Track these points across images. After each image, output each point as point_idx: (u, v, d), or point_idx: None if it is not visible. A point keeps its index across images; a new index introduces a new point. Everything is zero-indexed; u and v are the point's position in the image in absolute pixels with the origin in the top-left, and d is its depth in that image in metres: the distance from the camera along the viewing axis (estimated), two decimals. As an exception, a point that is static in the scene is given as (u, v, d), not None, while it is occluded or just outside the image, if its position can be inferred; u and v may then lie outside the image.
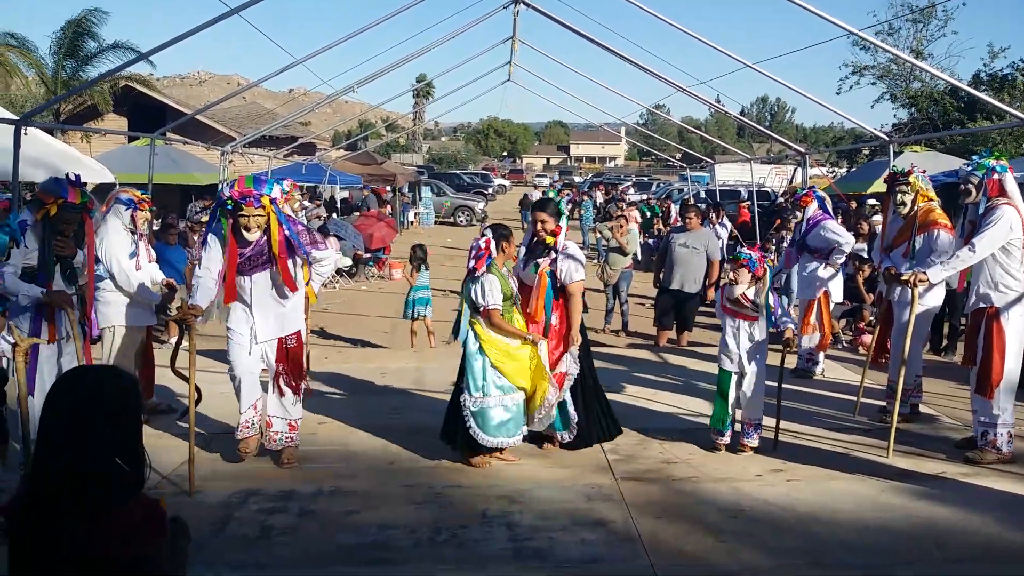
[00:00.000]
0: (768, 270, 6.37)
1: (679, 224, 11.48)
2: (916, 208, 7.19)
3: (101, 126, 28.61)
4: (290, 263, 5.95)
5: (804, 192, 9.42)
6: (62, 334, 5.79)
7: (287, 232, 5.90)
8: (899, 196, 7.29)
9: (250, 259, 5.86)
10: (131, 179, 11.07)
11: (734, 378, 6.46)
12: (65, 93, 23.97)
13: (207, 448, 6.34)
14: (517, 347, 6.04)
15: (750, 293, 6.36)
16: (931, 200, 7.20)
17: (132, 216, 7.02)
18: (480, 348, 6.01)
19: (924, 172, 7.48)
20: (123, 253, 6.85)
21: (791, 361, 8.33)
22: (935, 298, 7.36)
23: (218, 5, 8.71)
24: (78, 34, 27.71)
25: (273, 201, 5.83)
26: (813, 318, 8.92)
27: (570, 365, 6.36)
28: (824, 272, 8.88)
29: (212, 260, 5.86)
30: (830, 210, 9.29)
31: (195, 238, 12.85)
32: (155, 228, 12.31)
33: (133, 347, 7.07)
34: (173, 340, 7.11)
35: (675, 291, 10.58)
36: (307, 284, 6.32)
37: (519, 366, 6.02)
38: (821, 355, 9.12)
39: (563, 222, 6.50)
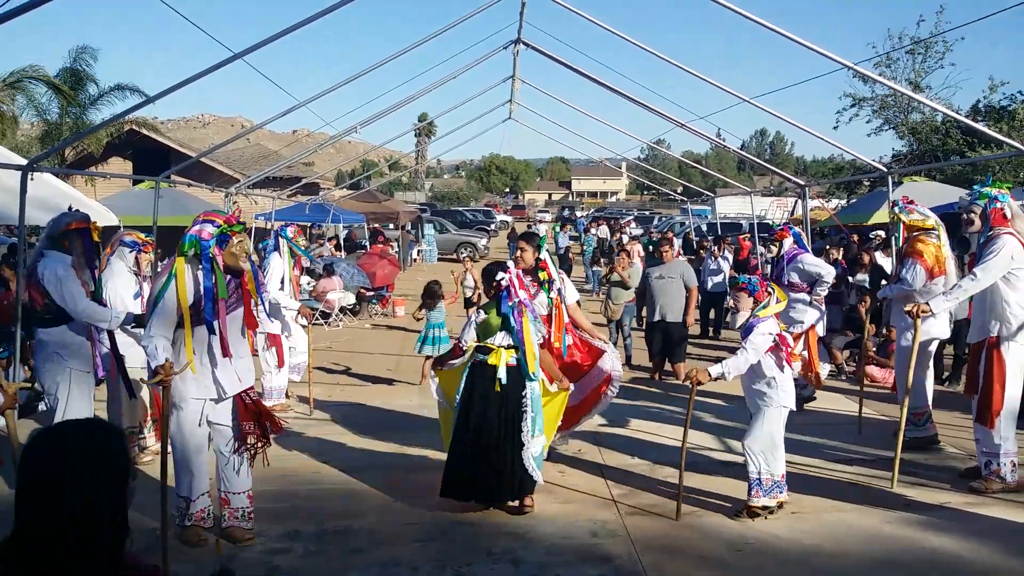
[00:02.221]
0: (772, 295, 5.76)
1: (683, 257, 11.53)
2: (907, 238, 7.41)
3: (105, 170, 28.87)
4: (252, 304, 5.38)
5: (780, 227, 9.57)
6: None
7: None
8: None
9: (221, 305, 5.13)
10: (135, 222, 11.16)
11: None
12: (72, 137, 24.19)
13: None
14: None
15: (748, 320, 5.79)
16: (921, 230, 7.33)
17: (136, 258, 7.11)
18: (538, 384, 5.89)
19: (912, 203, 7.58)
20: (128, 294, 6.92)
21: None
22: (939, 328, 7.41)
23: (221, 50, 8.87)
24: (77, 79, 28.04)
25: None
26: (800, 350, 8.99)
27: (615, 362, 6.78)
28: (808, 307, 8.96)
29: (165, 323, 5.07)
30: (806, 244, 9.45)
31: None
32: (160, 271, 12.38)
33: (140, 387, 7.10)
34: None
35: (660, 323, 10.69)
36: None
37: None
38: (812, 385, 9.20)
39: (543, 253, 6.81)
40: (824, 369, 11.11)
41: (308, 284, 16.33)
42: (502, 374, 5.73)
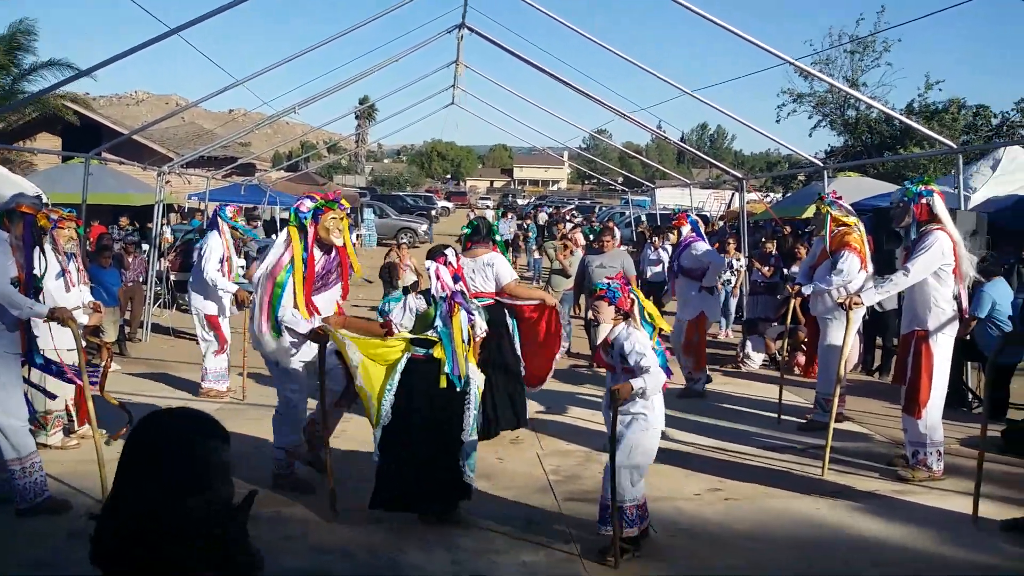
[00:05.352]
0: (635, 303, 4.94)
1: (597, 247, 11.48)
2: (833, 231, 7.64)
3: (33, 145, 27.94)
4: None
5: (678, 215, 9.79)
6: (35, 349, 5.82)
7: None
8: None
9: (320, 277, 5.88)
10: (65, 199, 10.82)
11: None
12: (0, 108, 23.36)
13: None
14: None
15: (617, 334, 4.92)
16: (846, 224, 7.56)
17: (52, 236, 6.86)
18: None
19: (840, 198, 7.83)
20: (50, 273, 6.66)
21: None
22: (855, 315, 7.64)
23: (157, 24, 8.63)
24: (12, 50, 27.04)
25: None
26: (681, 339, 9.25)
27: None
28: (697, 293, 9.17)
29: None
30: (702, 232, 9.70)
31: (129, 260, 12.58)
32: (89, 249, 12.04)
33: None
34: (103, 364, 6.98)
35: None
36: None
37: None
38: (704, 374, 9.44)
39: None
40: (758, 358, 11.32)
41: (241, 268, 16.03)
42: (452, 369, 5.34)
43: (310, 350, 5.86)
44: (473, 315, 5.50)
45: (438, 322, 5.37)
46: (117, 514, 1.85)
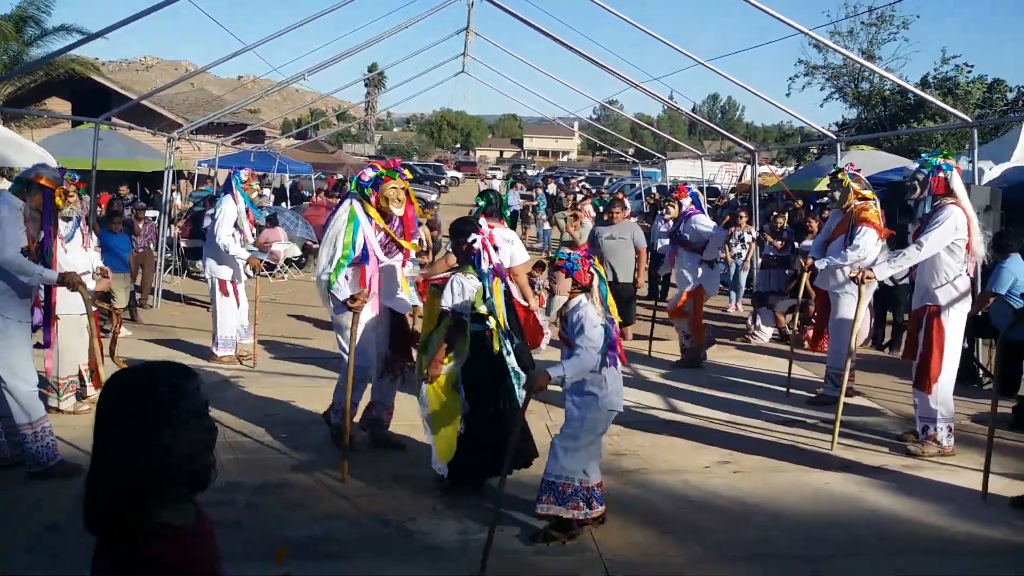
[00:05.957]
0: (600, 279, 4.78)
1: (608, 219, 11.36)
2: (852, 205, 7.57)
3: (43, 109, 27.81)
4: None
5: (678, 186, 9.73)
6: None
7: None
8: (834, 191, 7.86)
9: (383, 246, 5.94)
10: (74, 164, 10.78)
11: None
12: (9, 72, 23.22)
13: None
14: None
15: (571, 307, 4.71)
16: (866, 199, 7.49)
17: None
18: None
19: (859, 171, 7.74)
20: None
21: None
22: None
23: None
24: (23, 19, 26.91)
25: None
26: (688, 308, 9.33)
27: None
28: (698, 266, 9.22)
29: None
30: (702, 205, 9.62)
31: (140, 226, 12.58)
32: (100, 215, 12.06)
33: (81, 335, 6.88)
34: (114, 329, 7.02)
35: (611, 284, 10.70)
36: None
37: None
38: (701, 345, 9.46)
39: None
40: (767, 332, 11.30)
41: (252, 234, 16.03)
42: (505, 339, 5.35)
43: (366, 316, 5.87)
44: (506, 282, 5.62)
45: (488, 294, 5.24)
46: (108, 465, 1.86)
